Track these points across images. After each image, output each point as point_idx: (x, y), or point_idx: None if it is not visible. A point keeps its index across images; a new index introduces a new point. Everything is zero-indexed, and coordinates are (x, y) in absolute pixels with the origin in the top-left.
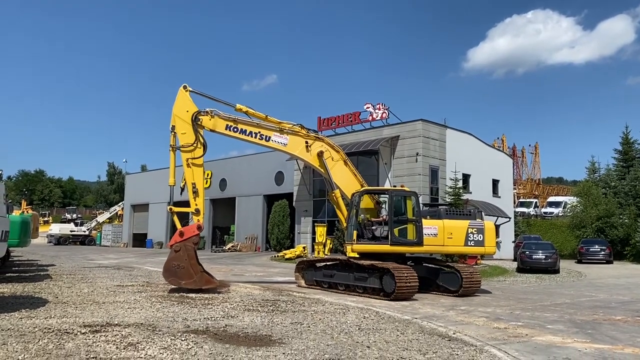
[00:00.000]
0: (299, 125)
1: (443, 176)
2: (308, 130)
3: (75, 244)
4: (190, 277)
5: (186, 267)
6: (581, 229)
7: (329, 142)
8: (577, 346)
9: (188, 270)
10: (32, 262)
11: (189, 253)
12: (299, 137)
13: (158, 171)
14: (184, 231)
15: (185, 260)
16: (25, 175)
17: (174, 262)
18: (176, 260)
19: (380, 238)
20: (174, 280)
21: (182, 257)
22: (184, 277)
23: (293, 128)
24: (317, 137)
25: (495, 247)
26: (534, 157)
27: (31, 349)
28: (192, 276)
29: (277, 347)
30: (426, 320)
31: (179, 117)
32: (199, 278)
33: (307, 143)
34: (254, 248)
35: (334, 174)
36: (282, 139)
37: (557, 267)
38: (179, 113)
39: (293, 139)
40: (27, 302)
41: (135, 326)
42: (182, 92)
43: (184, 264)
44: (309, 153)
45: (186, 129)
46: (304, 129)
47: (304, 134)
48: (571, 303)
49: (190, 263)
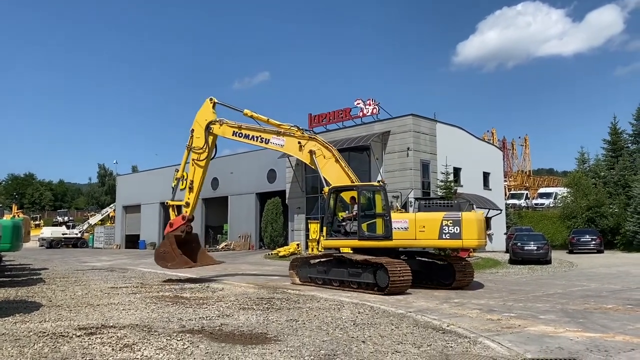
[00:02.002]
0: (295, 126)
1: (434, 170)
2: (303, 131)
3: (68, 247)
4: (173, 260)
5: (169, 251)
6: (572, 219)
7: (322, 141)
8: (569, 335)
9: (171, 254)
10: (25, 266)
11: (170, 240)
12: (294, 138)
13: (149, 172)
14: (173, 222)
15: (168, 246)
16: (15, 179)
17: (161, 249)
18: (162, 247)
19: (351, 233)
20: (163, 264)
21: (166, 244)
22: (168, 260)
23: (289, 130)
24: (311, 137)
25: (480, 240)
26: (524, 149)
27: (27, 353)
28: (174, 259)
29: (273, 344)
30: (420, 314)
31: (199, 123)
32: (179, 260)
33: (300, 143)
34: (248, 246)
35: (325, 172)
36: (280, 141)
37: (549, 257)
38: (200, 120)
39: (289, 139)
40: (20, 307)
41: (131, 327)
42: (207, 103)
43: (168, 249)
44: (301, 152)
45: (200, 134)
46: (299, 130)
47: (299, 135)
48: (563, 293)
49: (172, 248)
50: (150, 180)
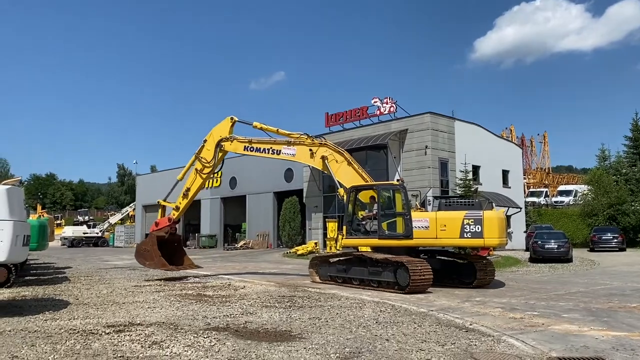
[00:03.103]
0: (305, 134)
1: (453, 168)
2: (313, 139)
3: (89, 246)
4: (152, 260)
5: (150, 251)
6: (593, 217)
7: (332, 146)
8: (594, 334)
9: (151, 254)
10: (49, 265)
11: (152, 239)
12: (304, 146)
13: (168, 172)
14: (159, 222)
15: (150, 245)
16: (37, 179)
17: (142, 247)
18: (144, 245)
19: (370, 232)
20: (142, 261)
21: (148, 243)
22: (147, 259)
23: (299, 138)
24: (321, 143)
25: (501, 239)
26: (543, 146)
27: (60, 349)
28: (152, 259)
29: (298, 341)
30: (442, 313)
31: (213, 136)
32: (157, 262)
33: (311, 150)
34: (266, 245)
35: (339, 175)
36: (291, 150)
37: (570, 256)
38: (215, 134)
39: (300, 148)
40: (49, 304)
41: (157, 325)
42: (227, 121)
43: (149, 249)
44: (313, 159)
45: (211, 147)
46: (309, 137)
47: (309, 143)
48: (586, 291)
49: (152, 248)
50: (169, 180)
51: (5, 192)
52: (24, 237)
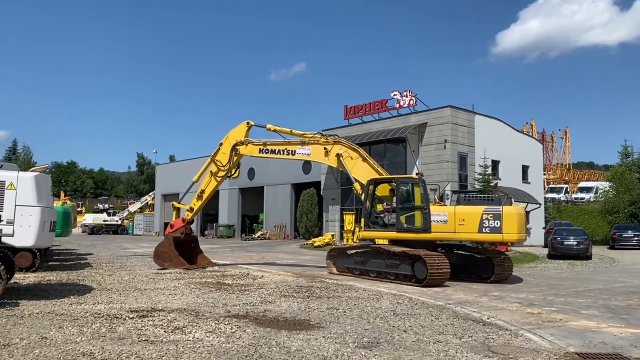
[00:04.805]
0: (319, 133)
1: (472, 163)
2: (327, 137)
3: (109, 233)
4: (170, 260)
5: (167, 252)
6: (613, 214)
7: (347, 143)
8: (612, 331)
9: (168, 254)
10: (71, 251)
11: (169, 241)
12: (319, 145)
13: (187, 161)
14: (174, 224)
15: (167, 246)
16: (59, 167)
17: (160, 249)
18: (161, 247)
19: (388, 225)
20: (160, 263)
21: (165, 245)
22: (166, 260)
23: (313, 138)
24: (335, 141)
25: (520, 234)
26: (564, 141)
27: (86, 332)
28: (171, 259)
29: (317, 330)
30: (459, 306)
31: (229, 140)
32: (175, 262)
33: (325, 149)
34: (283, 236)
35: (355, 172)
36: (306, 150)
37: (590, 253)
38: (231, 138)
39: (314, 147)
40: (73, 289)
41: (179, 311)
42: (243, 125)
43: (166, 250)
44: (328, 157)
45: (227, 150)
46: (323, 136)
47: (323, 141)
48: (605, 289)
49: (169, 249)
50: (188, 169)
51: (33, 179)
52: (51, 223)
